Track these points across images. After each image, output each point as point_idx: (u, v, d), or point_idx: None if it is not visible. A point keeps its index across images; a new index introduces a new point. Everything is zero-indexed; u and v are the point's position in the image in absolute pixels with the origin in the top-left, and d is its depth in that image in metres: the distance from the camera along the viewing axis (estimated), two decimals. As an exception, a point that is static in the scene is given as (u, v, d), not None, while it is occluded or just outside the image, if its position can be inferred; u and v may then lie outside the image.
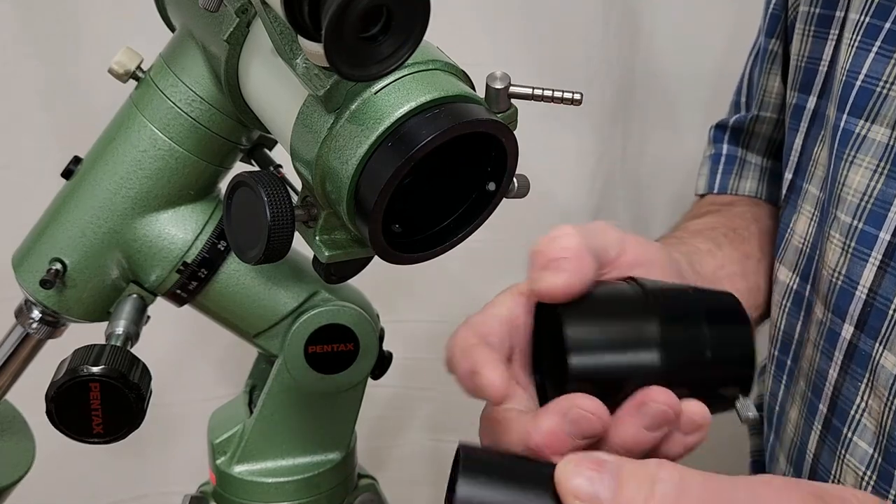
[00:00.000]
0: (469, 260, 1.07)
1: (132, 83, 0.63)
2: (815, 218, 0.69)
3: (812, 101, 0.71)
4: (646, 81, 1.13)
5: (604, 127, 1.12)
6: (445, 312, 1.13)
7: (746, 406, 0.50)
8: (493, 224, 0.52)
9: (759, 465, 0.82)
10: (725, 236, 0.75)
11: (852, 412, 0.62)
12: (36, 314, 0.65)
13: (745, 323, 0.52)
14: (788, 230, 0.72)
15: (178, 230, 0.63)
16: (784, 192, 0.73)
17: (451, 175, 0.49)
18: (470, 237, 0.52)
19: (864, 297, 0.62)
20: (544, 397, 0.52)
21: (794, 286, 0.71)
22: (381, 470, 0.87)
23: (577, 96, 0.51)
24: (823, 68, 0.70)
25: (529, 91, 0.50)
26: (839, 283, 0.63)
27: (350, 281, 0.59)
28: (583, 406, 0.46)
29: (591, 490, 0.41)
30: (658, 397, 0.46)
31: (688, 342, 0.49)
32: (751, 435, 0.84)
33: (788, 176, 0.73)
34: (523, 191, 0.54)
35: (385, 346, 0.71)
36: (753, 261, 0.75)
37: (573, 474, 0.42)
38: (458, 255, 0.54)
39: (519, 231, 1.10)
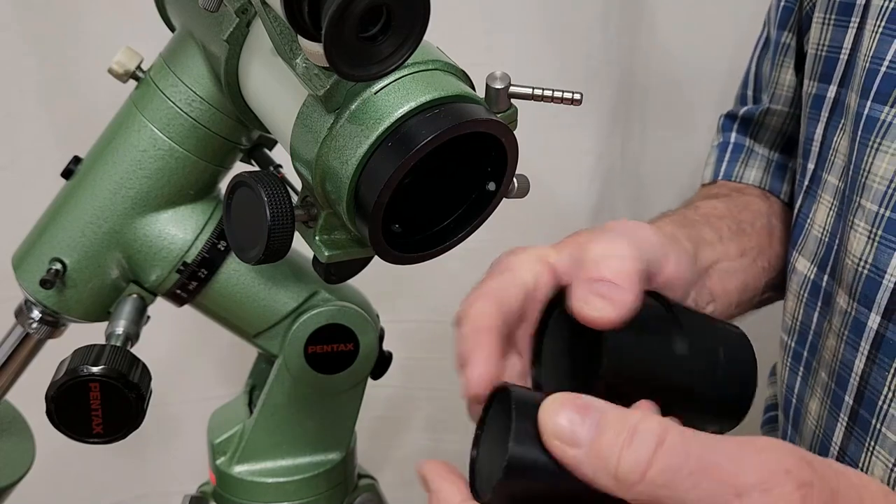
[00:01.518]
0: (469, 260, 1.06)
1: (132, 83, 0.63)
2: (833, 207, 0.68)
3: (832, 90, 0.70)
4: (646, 81, 1.13)
5: (604, 126, 1.12)
6: (445, 312, 1.12)
7: None
8: (493, 224, 0.52)
9: None
10: (730, 229, 0.74)
11: (880, 403, 0.61)
12: (36, 314, 0.65)
13: (754, 365, 0.52)
14: (808, 221, 0.72)
15: (178, 230, 0.63)
16: (806, 182, 0.72)
17: (451, 175, 0.49)
18: (470, 237, 0.52)
19: (892, 285, 0.61)
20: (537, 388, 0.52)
21: (812, 276, 0.71)
22: (380, 470, 0.86)
23: (577, 96, 0.51)
24: (844, 56, 0.69)
25: (529, 91, 0.50)
26: (865, 272, 0.62)
27: (350, 281, 0.58)
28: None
29: (570, 431, 0.41)
30: None
31: (706, 368, 0.50)
32: (764, 432, 0.84)
33: (811, 166, 0.72)
34: (523, 191, 0.54)
35: (385, 346, 0.71)
36: (748, 259, 0.74)
37: (556, 413, 0.42)
38: (458, 255, 0.54)
39: (519, 231, 1.10)
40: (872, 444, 0.62)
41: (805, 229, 0.72)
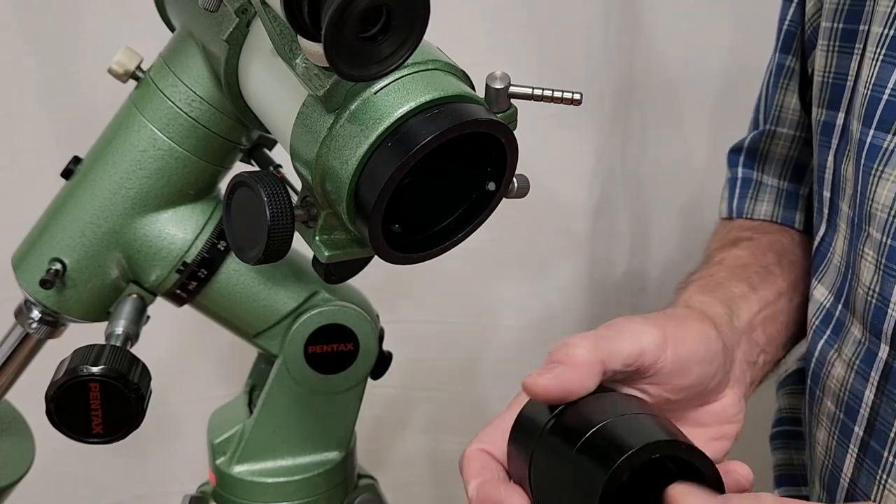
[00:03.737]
0: (469, 260, 1.07)
1: (132, 83, 0.63)
2: (846, 235, 0.67)
3: (841, 118, 0.69)
4: (646, 81, 1.13)
5: (604, 127, 1.12)
6: (445, 312, 1.12)
7: None
8: (493, 224, 0.52)
9: (786, 478, 0.80)
10: (758, 274, 0.73)
11: (892, 435, 0.61)
12: (36, 314, 0.65)
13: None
14: (831, 250, 0.71)
15: (178, 230, 0.63)
16: (826, 211, 0.72)
17: (451, 175, 0.49)
18: (470, 237, 0.52)
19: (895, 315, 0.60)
20: None
21: (828, 305, 0.70)
22: (380, 470, 0.86)
23: (577, 96, 0.51)
24: (850, 83, 0.68)
25: (529, 91, 0.50)
26: (874, 301, 0.62)
27: (350, 281, 0.59)
28: None
29: None
30: None
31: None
32: (773, 449, 0.83)
33: (827, 195, 0.71)
34: (523, 191, 0.54)
35: (385, 346, 0.71)
36: (784, 300, 0.74)
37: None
38: (458, 255, 0.54)
39: (519, 231, 1.10)
40: (885, 476, 0.61)
41: (827, 258, 0.71)
